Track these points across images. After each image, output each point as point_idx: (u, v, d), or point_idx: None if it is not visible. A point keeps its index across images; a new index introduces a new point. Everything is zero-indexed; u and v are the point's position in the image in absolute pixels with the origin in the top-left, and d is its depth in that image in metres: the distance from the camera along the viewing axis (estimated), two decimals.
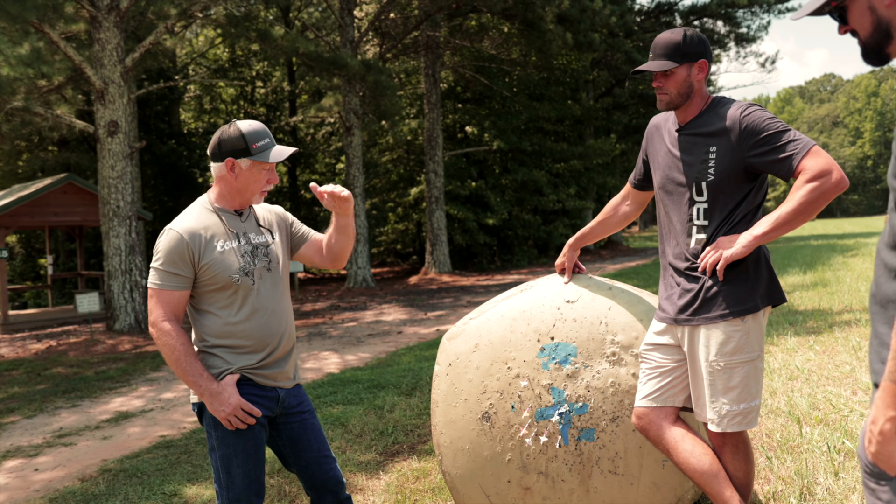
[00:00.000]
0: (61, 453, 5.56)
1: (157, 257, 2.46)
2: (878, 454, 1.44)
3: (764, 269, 2.61)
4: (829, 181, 2.40)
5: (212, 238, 2.49)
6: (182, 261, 2.44)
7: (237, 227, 2.57)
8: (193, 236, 2.46)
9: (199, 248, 2.46)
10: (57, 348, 11.07)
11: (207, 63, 27.58)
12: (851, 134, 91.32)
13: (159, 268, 2.45)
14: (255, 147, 2.48)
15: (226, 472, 2.49)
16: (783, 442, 4.09)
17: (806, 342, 6.76)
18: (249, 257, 2.54)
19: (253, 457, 2.51)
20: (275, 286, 2.59)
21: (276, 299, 2.59)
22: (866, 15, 1.55)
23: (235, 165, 2.49)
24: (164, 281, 2.44)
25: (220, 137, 2.50)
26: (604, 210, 3.21)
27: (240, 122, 2.51)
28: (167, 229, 2.48)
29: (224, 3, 13.20)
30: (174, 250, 2.44)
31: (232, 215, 2.58)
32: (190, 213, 2.55)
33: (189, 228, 2.47)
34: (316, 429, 2.69)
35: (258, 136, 2.49)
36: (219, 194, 2.57)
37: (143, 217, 15.82)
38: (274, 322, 2.56)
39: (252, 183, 2.53)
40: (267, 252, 2.60)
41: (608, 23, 22.36)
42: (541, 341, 3.10)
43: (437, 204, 21.35)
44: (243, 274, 2.50)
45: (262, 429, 2.55)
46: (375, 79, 15.75)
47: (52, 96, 13.36)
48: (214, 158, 2.52)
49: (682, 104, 2.65)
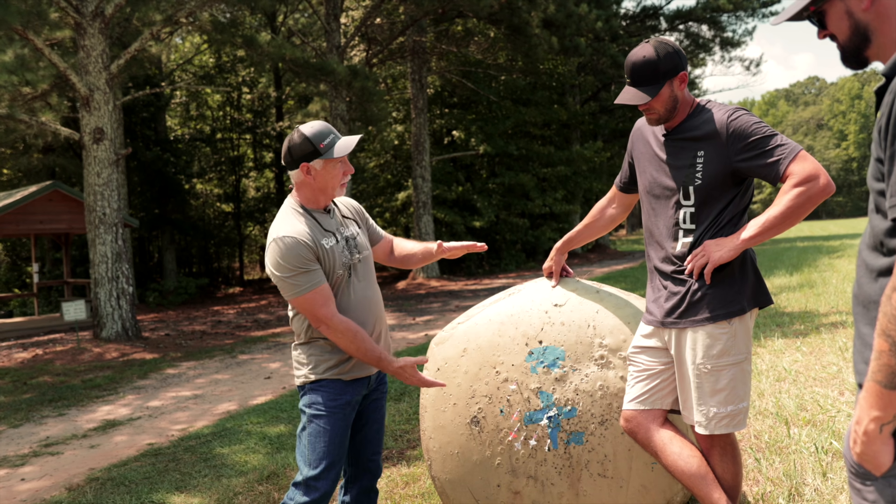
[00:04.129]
0: (48, 462, 5.51)
1: (283, 267, 2.50)
2: (863, 454, 1.45)
3: (750, 271, 2.63)
4: (816, 186, 2.41)
5: (317, 237, 2.60)
6: (308, 257, 2.53)
7: (330, 224, 2.69)
8: (305, 235, 2.55)
9: (314, 245, 2.56)
10: (43, 357, 10.98)
11: (193, 69, 27.47)
12: (836, 136, 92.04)
13: (292, 274, 2.51)
14: (322, 146, 2.57)
15: (311, 447, 2.63)
16: (771, 443, 4.11)
17: (793, 343, 6.80)
18: (347, 252, 2.68)
19: (339, 437, 2.65)
20: (366, 275, 2.75)
21: (368, 288, 2.74)
22: (844, 19, 1.57)
23: (311, 168, 2.59)
24: (305, 281, 2.51)
25: (289, 146, 2.59)
26: (590, 213, 3.22)
27: (302, 127, 2.61)
28: (275, 240, 2.52)
29: (210, 9, 13.17)
30: (295, 251, 2.51)
31: (322, 214, 2.69)
32: (288, 219, 2.61)
33: (296, 230, 2.55)
34: (382, 412, 2.88)
35: (322, 135, 2.58)
36: (304, 197, 2.66)
37: (130, 224, 15.74)
38: (368, 309, 2.70)
39: (330, 179, 2.62)
40: (356, 244, 2.74)
41: (594, 27, 22.46)
42: (529, 345, 3.10)
43: (425, 209, 21.35)
44: (346, 268, 2.65)
45: (352, 411, 2.70)
46: (362, 84, 15.73)
47: (36, 103, 13.27)
48: (290, 167, 2.62)
49: (671, 117, 2.66)
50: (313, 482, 2.59)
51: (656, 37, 2.70)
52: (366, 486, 2.83)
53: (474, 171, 25.71)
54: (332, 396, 2.64)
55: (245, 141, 28.86)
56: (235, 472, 4.70)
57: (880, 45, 1.54)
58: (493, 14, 18.26)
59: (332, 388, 2.66)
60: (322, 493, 2.60)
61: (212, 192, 29.12)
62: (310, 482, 2.59)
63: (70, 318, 12.40)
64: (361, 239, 2.78)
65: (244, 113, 28.41)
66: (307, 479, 2.60)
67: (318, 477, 2.59)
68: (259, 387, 7.91)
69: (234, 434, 5.71)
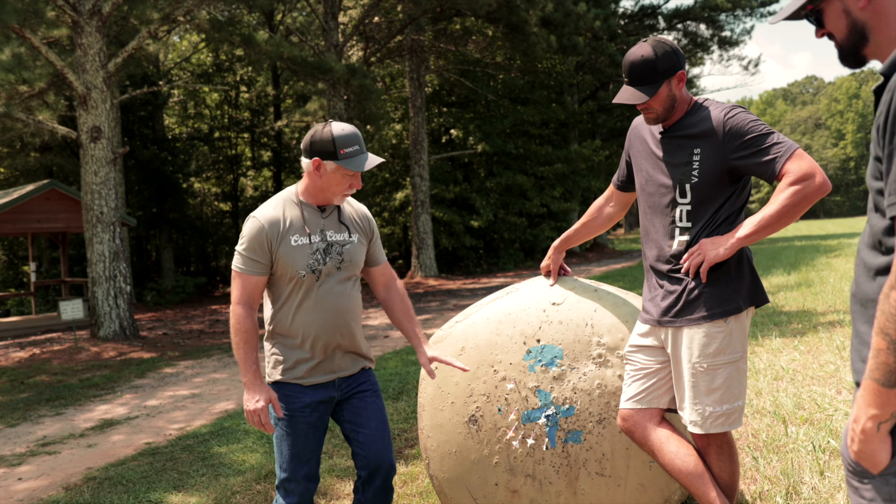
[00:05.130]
0: (45, 462, 5.50)
1: (241, 242, 2.61)
2: (861, 452, 1.45)
3: (746, 270, 2.63)
4: (812, 184, 2.41)
5: (288, 230, 2.59)
6: (261, 248, 2.57)
7: (316, 223, 2.65)
8: (272, 226, 2.58)
9: (276, 238, 2.58)
10: (40, 356, 10.97)
11: (191, 68, 27.43)
12: (833, 136, 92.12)
13: (242, 252, 2.60)
14: (343, 153, 2.54)
15: (279, 451, 2.65)
16: (769, 442, 4.11)
17: (791, 342, 6.81)
18: (321, 255, 2.62)
19: (302, 439, 2.63)
20: (341, 286, 2.67)
21: (340, 298, 2.66)
22: (841, 18, 1.57)
23: (321, 166, 2.57)
24: (244, 265, 2.60)
25: (313, 136, 2.58)
26: (588, 212, 3.22)
27: (334, 124, 2.58)
28: (251, 216, 2.61)
29: (207, 7, 13.15)
30: (254, 238, 2.57)
31: (313, 210, 2.67)
32: (274, 203, 2.65)
33: (270, 218, 2.59)
34: (377, 408, 2.79)
35: (348, 141, 2.55)
36: (304, 188, 2.66)
37: (127, 223, 15.71)
38: (328, 319, 2.63)
39: (334, 185, 2.60)
40: (341, 251, 2.67)
41: (592, 26, 22.43)
42: (527, 344, 3.10)
43: (423, 207, 21.35)
44: (310, 270, 2.59)
45: (312, 412, 2.66)
46: (360, 83, 15.72)
47: (33, 102, 13.24)
48: (305, 154, 2.61)
49: (670, 116, 2.66)
50: (287, 484, 2.65)
51: (654, 36, 2.70)
52: (379, 485, 2.77)
53: (472, 170, 25.71)
54: (291, 399, 2.63)
55: (243, 140, 28.82)
56: (233, 471, 4.70)
57: (878, 43, 1.54)
58: (491, 13, 18.26)
59: (290, 390, 2.65)
60: (299, 495, 2.65)
61: (209, 191, 29.08)
62: (284, 485, 2.66)
63: (67, 317, 12.39)
64: (351, 249, 2.69)
65: (242, 111, 28.36)
66: (281, 481, 2.66)
67: (289, 479, 2.64)
68: None
69: (231, 433, 5.71)
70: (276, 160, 27.52)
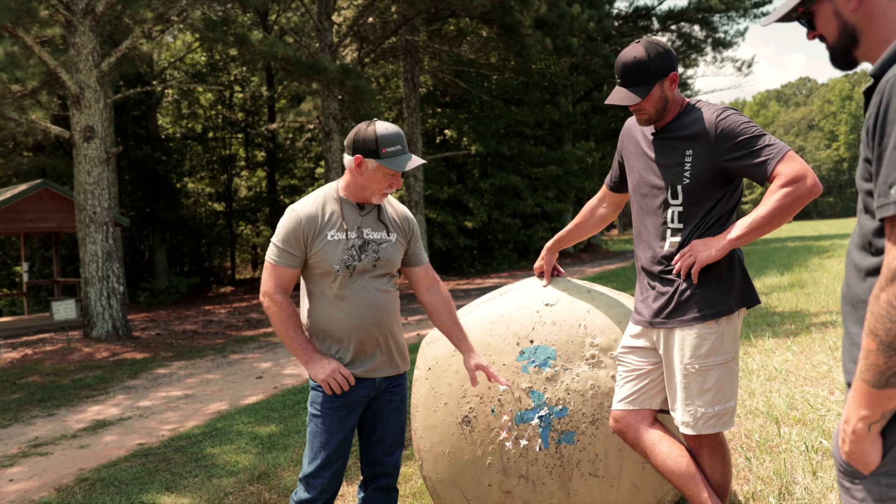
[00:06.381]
0: (36, 463, 5.48)
1: (277, 234, 2.64)
2: (852, 453, 1.45)
3: (738, 271, 2.63)
4: (804, 186, 2.42)
5: (326, 225, 2.61)
6: (296, 241, 2.60)
7: (354, 219, 2.66)
8: (310, 221, 2.60)
9: (313, 233, 2.60)
10: (32, 356, 10.92)
11: (185, 68, 27.36)
12: (826, 137, 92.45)
13: (277, 244, 2.63)
14: (385, 152, 2.55)
15: (309, 447, 2.68)
16: (762, 442, 4.12)
17: (783, 343, 6.83)
18: (356, 251, 2.63)
19: (333, 439, 2.64)
20: (375, 280, 2.66)
21: (376, 294, 2.65)
22: (832, 20, 1.57)
23: (363, 164, 2.58)
24: (278, 258, 2.63)
25: (357, 133, 2.59)
26: (581, 213, 3.22)
27: (379, 123, 2.59)
28: (290, 209, 2.64)
29: (201, 7, 13.12)
30: (291, 231, 2.60)
31: (352, 207, 2.67)
32: (314, 198, 2.67)
33: (308, 213, 2.62)
34: (399, 413, 2.81)
35: (391, 140, 2.56)
36: (345, 185, 2.68)
37: (121, 223, 15.65)
38: (366, 316, 2.63)
39: (374, 183, 2.61)
40: (378, 249, 2.67)
41: (586, 27, 22.51)
42: (520, 344, 3.10)
43: (417, 208, 21.35)
44: (344, 266, 2.60)
45: (352, 413, 2.68)
46: (354, 83, 15.70)
47: (26, 101, 13.19)
48: (347, 150, 2.62)
49: (662, 118, 2.66)
50: (311, 479, 2.66)
51: (647, 37, 2.70)
52: (382, 485, 2.80)
53: (466, 171, 25.71)
54: (329, 398, 2.65)
55: (237, 140, 28.76)
56: (226, 472, 4.69)
57: (868, 45, 1.54)
58: (485, 14, 18.27)
59: None
60: (320, 490, 2.65)
61: (203, 191, 29.01)
62: (308, 479, 2.67)
63: (60, 317, 12.35)
64: (388, 248, 2.69)
65: (236, 112, 28.30)
66: (305, 475, 2.67)
67: (314, 474, 2.65)
68: (250, 387, 7.89)
69: (224, 434, 5.69)
70: (270, 160, 27.47)
